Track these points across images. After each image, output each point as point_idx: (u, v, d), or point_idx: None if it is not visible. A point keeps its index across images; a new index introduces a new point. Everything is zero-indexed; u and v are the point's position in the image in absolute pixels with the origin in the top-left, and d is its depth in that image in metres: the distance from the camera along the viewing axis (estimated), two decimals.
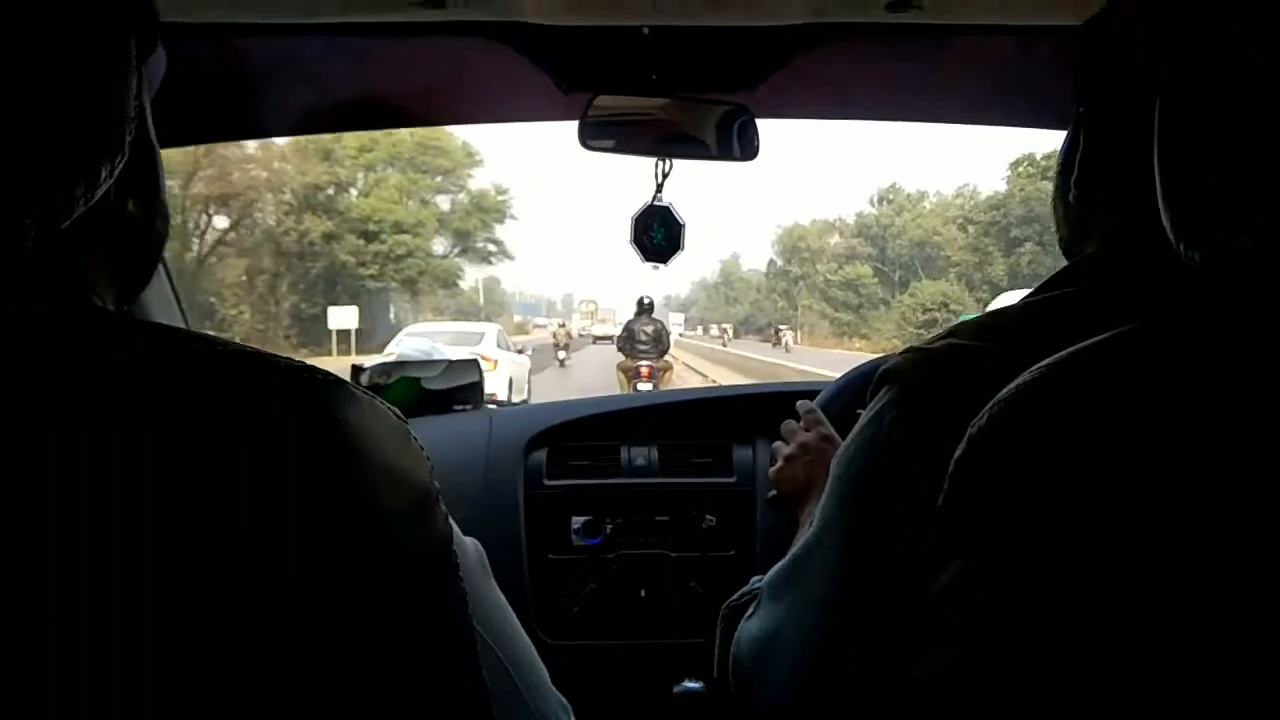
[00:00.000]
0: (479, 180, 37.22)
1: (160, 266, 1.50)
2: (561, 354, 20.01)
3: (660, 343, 9.97)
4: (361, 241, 29.44)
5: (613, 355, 11.16)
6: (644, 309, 10.27)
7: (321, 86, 1.37)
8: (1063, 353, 0.44)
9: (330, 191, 30.02)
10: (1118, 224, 0.63)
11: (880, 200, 52.85)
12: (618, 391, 9.29)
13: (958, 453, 0.46)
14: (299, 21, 1.16)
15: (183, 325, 1.53)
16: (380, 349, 17.82)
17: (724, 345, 36.13)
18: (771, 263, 62.10)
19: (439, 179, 33.76)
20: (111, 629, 0.34)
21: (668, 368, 10.20)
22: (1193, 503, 0.37)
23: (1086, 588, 0.38)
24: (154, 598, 0.35)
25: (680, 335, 48.68)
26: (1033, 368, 0.44)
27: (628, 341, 10.05)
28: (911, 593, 0.47)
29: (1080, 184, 0.65)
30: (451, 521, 0.49)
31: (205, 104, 1.29)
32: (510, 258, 37.00)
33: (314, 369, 0.42)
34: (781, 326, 42.47)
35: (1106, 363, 0.42)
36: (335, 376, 0.43)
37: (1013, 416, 0.44)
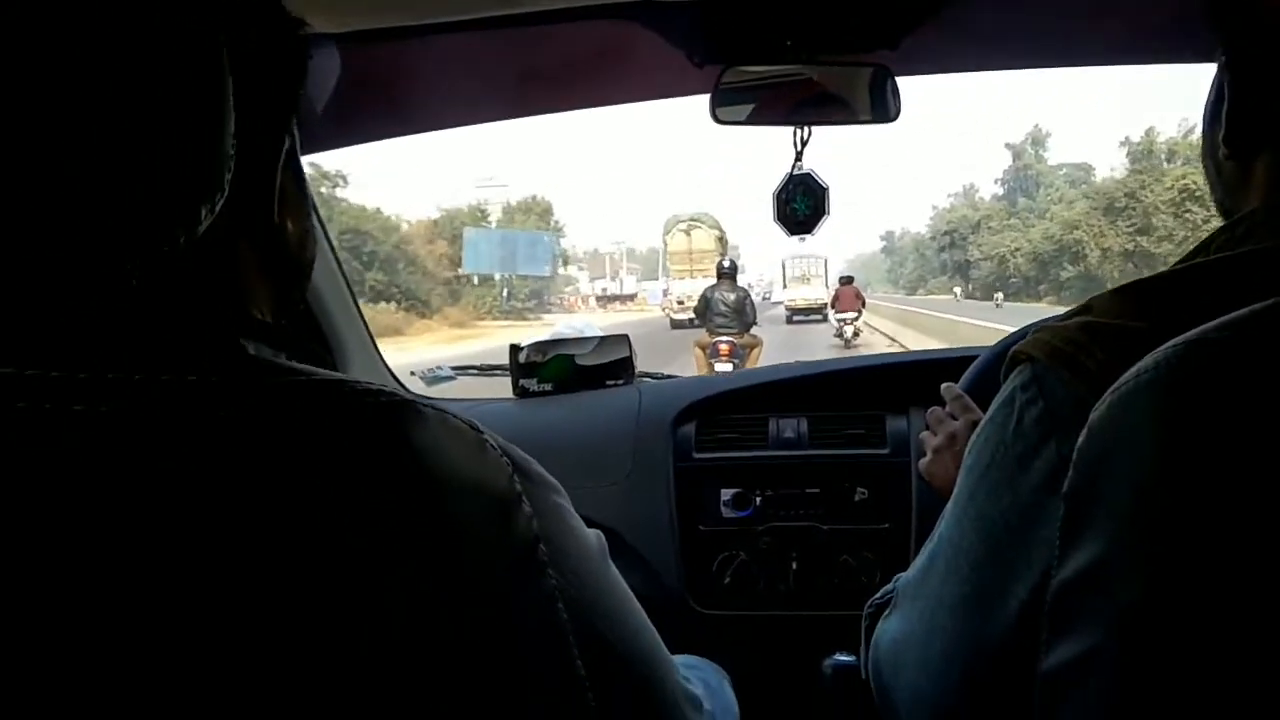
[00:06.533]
0: None
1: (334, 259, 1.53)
2: None
3: (744, 315, 8.79)
4: None
5: None
6: (724, 273, 9.01)
7: (454, 81, 1.40)
8: (1189, 333, 0.41)
9: None
10: (1278, 179, 0.57)
11: None
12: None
13: (1079, 440, 0.45)
14: (435, 21, 1.18)
15: (359, 317, 1.62)
16: None
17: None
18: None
19: None
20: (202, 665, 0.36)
21: (754, 344, 9.08)
22: None
23: (1227, 578, 0.37)
24: (234, 636, 0.36)
25: None
26: (1155, 350, 0.42)
27: (705, 312, 8.87)
28: (1041, 584, 0.46)
29: (1229, 140, 0.59)
30: (563, 512, 0.50)
31: (351, 106, 1.33)
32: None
33: (382, 391, 0.43)
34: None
35: (1251, 339, 0.39)
36: (403, 397, 0.44)
37: (1138, 400, 0.42)
